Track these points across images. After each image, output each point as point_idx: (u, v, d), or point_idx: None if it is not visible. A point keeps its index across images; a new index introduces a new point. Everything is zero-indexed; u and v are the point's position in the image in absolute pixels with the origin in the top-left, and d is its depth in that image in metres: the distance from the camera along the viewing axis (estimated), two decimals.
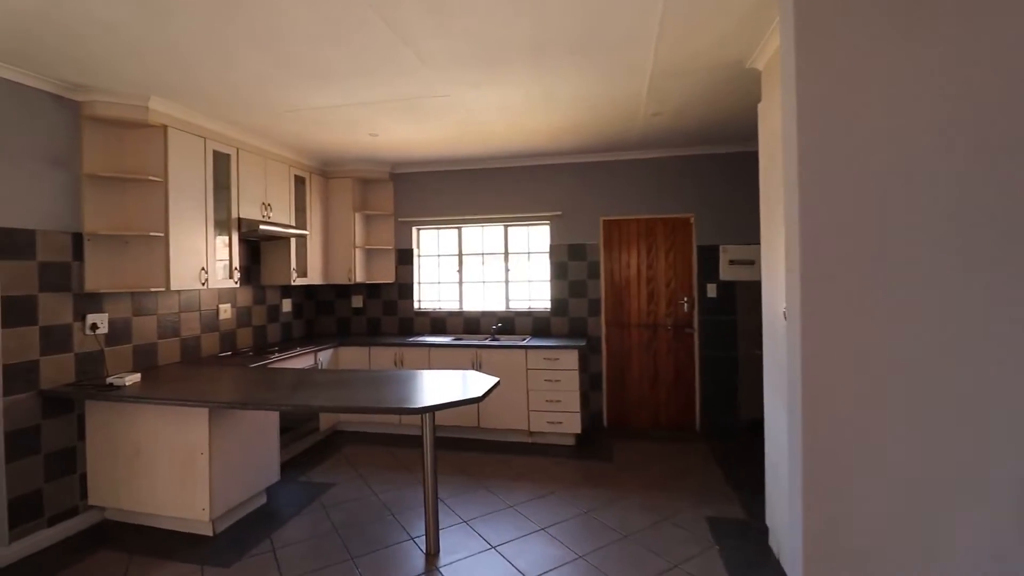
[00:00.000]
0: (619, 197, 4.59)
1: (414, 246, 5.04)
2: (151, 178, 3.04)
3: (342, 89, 2.92)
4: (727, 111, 3.44)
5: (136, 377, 2.89)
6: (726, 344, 4.40)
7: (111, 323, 3.07)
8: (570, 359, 4.09)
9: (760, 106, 2.64)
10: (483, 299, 4.97)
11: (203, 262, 3.37)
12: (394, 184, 5.03)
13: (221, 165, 3.55)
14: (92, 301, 2.96)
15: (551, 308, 4.73)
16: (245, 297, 4.19)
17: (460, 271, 5.02)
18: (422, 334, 4.90)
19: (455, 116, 3.44)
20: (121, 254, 3.07)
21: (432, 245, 5.12)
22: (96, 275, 2.94)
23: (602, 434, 4.45)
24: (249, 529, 2.85)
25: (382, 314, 5.09)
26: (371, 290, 5.10)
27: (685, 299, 4.49)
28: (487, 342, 4.36)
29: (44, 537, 2.67)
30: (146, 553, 2.61)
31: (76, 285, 2.86)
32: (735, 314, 4.39)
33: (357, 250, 4.82)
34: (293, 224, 4.28)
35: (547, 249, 4.75)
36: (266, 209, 3.97)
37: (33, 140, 2.66)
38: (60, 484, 2.76)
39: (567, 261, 4.70)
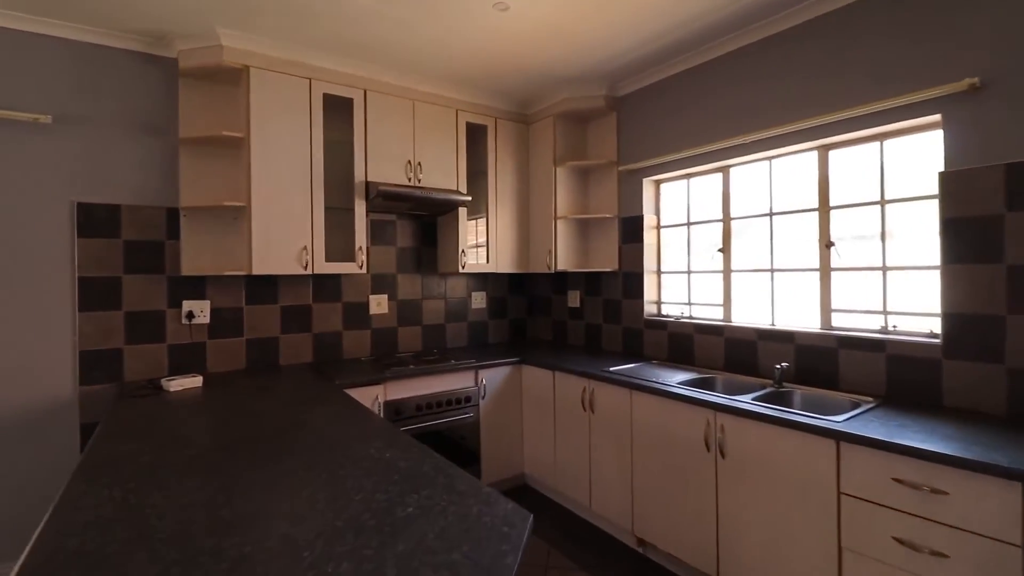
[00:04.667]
0: None
1: (645, 211, 3.03)
2: (225, 133, 2.43)
3: None
4: None
5: (191, 382, 2.32)
6: None
7: (219, 312, 2.66)
8: (986, 499, 1.33)
9: None
10: (769, 305, 2.50)
11: (306, 240, 2.60)
12: (617, 116, 3.15)
13: (338, 112, 2.72)
14: (192, 285, 2.59)
15: (944, 336, 1.86)
16: (412, 288, 3.31)
17: (726, 251, 2.70)
18: (653, 359, 2.88)
19: None
20: (227, 231, 2.62)
21: (677, 209, 2.97)
22: (195, 256, 2.55)
23: None
24: None
25: (602, 320, 3.31)
26: (590, 283, 3.40)
27: None
28: (749, 402, 2.01)
29: None
30: None
31: (171, 267, 2.53)
32: None
33: (559, 222, 3.23)
34: (459, 189, 3.10)
35: (934, 190, 1.89)
36: (414, 169, 2.94)
37: (123, 107, 2.41)
38: None
39: (999, 212, 1.73)
